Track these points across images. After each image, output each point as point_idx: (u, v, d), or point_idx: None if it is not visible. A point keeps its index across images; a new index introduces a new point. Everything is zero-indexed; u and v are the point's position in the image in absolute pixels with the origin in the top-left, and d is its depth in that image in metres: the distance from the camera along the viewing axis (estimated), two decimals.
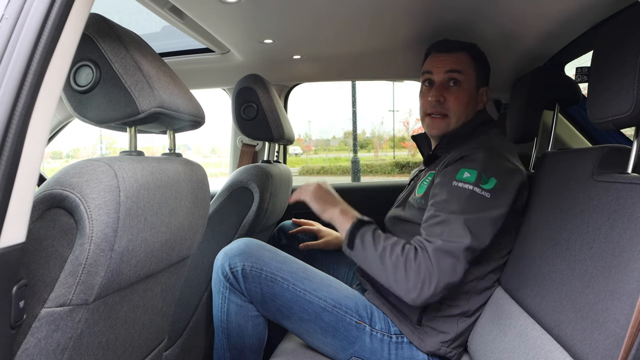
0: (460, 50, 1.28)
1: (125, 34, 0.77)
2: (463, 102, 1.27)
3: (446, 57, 1.28)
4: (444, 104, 1.27)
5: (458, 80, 1.26)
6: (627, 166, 0.81)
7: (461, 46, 1.29)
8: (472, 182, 1.08)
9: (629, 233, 0.70)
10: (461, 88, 1.27)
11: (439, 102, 1.27)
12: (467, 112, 1.28)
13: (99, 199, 0.61)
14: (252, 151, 2.08)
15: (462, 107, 1.27)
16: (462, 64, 1.27)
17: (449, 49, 1.29)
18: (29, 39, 0.49)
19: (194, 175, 0.90)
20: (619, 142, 1.57)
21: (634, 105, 0.74)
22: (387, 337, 1.19)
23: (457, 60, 1.27)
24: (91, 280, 0.61)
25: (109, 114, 0.75)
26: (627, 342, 0.58)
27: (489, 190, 1.08)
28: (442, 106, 1.27)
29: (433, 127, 1.30)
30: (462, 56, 1.28)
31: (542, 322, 0.88)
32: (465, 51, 1.28)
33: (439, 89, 1.27)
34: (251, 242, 1.26)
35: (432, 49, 1.33)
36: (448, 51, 1.29)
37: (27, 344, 0.58)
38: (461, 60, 1.27)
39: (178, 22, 1.26)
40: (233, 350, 1.26)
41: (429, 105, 1.28)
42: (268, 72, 1.75)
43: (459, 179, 1.09)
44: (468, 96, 1.27)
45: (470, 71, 1.28)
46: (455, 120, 1.27)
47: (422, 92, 1.34)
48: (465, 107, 1.27)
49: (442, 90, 1.27)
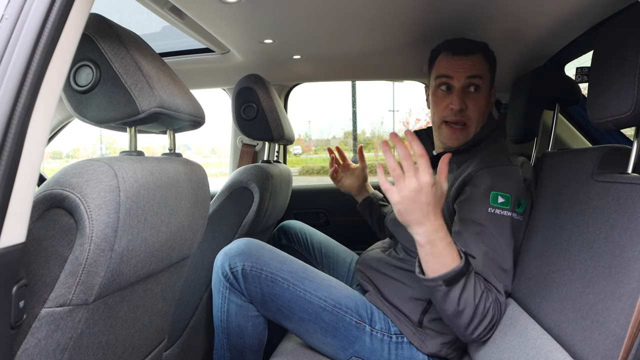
0: (476, 52, 1.21)
1: (125, 34, 0.77)
2: (482, 108, 1.22)
3: (464, 59, 1.20)
4: (465, 111, 1.20)
5: (478, 85, 1.20)
6: (627, 166, 0.81)
7: (477, 47, 1.22)
8: (508, 208, 1.04)
9: (629, 233, 0.70)
10: (480, 94, 1.21)
11: (462, 110, 1.20)
12: (484, 117, 1.24)
13: (99, 199, 0.61)
14: (252, 151, 2.08)
15: (481, 114, 1.22)
16: (481, 68, 1.21)
17: (467, 51, 1.21)
18: (29, 39, 0.49)
19: (194, 175, 0.90)
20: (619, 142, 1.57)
21: (634, 105, 0.73)
22: (387, 337, 1.19)
23: (475, 63, 1.20)
24: (91, 280, 0.61)
25: (109, 114, 0.75)
26: (627, 342, 0.58)
27: (522, 214, 1.06)
28: (463, 114, 1.20)
29: (453, 139, 1.22)
30: (478, 59, 1.21)
31: (542, 322, 0.88)
32: (481, 52, 1.22)
33: (460, 95, 1.20)
34: (251, 242, 1.26)
35: (445, 49, 1.25)
36: (466, 53, 1.21)
37: (27, 344, 0.58)
38: (480, 64, 1.21)
39: (178, 22, 1.26)
40: (233, 350, 1.26)
41: (449, 112, 1.20)
42: (268, 72, 1.75)
43: (494, 205, 1.04)
44: (486, 101, 1.23)
45: (487, 74, 1.22)
46: (474, 129, 1.22)
47: (437, 96, 1.24)
48: (484, 114, 1.23)
49: (462, 96, 1.20)
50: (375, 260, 1.30)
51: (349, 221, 2.01)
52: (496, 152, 1.18)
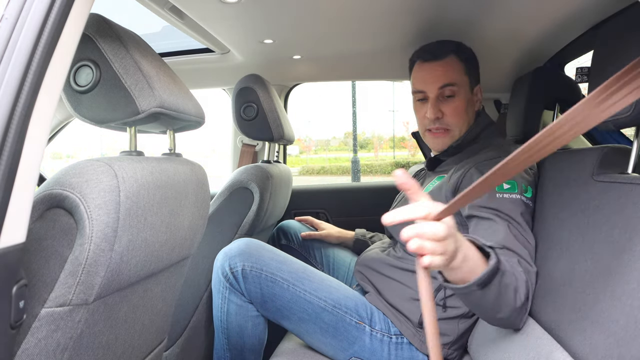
0: (447, 54, 1.22)
1: (125, 34, 0.77)
2: (462, 112, 1.22)
3: (435, 67, 1.22)
4: (442, 119, 1.22)
5: (453, 92, 1.22)
6: (627, 166, 0.81)
7: (447, 49, 1.23)
8: (516, 192, 1.03)
9: (629, 233, 0.70)
10: (457, 98, 1.22)
11: (438, 118, 1.22)
12: (468, 118, 1.25)
13: (99, 199, 0.61)
14: (252, 151, 2.08)
15: (462, 117, 1.23)
16: (453, 73, 1.21)
17: (435, 56, 1.23)
18: (29, 39, 0.49)
19: (194, 175, 0.90)
20: (619, 142, 1.57)
21: (634, 105, 0.73)
22: (387, 337, 1.19)
23: (447, 69, 1.21)
24: (91, 280, 0.61)
25: (109, 114, 0.75)
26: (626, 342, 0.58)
27: (530, 199, 1.05)
28: (442, 122, 1.23)
29: (437, 144, 1.25)
30: (451, 62, 1.22)
31: (542, 322, 0.88)
32: (453, 54, 1.23)
33: (434, 105, 1.22)
34: (251, 242, 1.26)
35: (417, 58, 1.27)
36: (435, 58, 1.23)
37: (27, 344, 0.58)
38: (452, 68, 1.22)
39: (178, 22, 1.26)
40: (233, 350, 1.26)
41: (428, 121, 1.24)
42: (268, 72, 1.75)
43: (501, 191, 1.03)
44: (465, 103, 1.23)
45: (462, 77, 1.23)
46: (458, 131, 1.24)
47: (416, 107, 1.28)
48: (465, 115, 1.24)
49: (438, 104, 1.22)
50: (374, 260, 1.30)
51: (348, 221, 2.01)
52: (494, 149, 1.18)
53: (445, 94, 1.22)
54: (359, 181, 11.17)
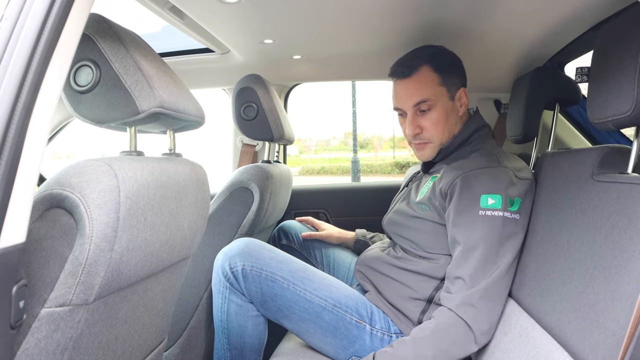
0: (417, 67, 1.22)
1: (125, 33, 0.77)
2: (441, 123, 1.23)
3: (408, 84, 1.23)
4: (421, 134, 1.25)
5: (429, 106, 1.22)
6: (627, 166, 0.81)
7: (420, 62, 1.23)
8: (499, 208, 1.05)
9: (629, 233, 0.70)
10: (434, 111, 1.23)
11: (417, 134, 1.25)
12: (450, 127, 1.25)
13: (99, 199, 0.61)
14: (252, 151, 2.08)
15: (441, 128, 1.24)
16: (426, 89, 1.21)
17: (407, 73, 1.23)
18: (29, 39, 0.49)
19: (194, 175, 0.90)
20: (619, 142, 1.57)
21: (634, 105, 0.74)
22: (387, 336, 1.19)
23: (419, 84, 1.22)
24: (91, 280, 0.61)
25: (109, 114, 0.75)
26: (626, 342, 0.58)
27: (517, 212, 1.06)
28: (421, 137, 1.26)
29: (421, 155, 1.30)
30: (423, 75, 1.22)
31: (542, 322, 0.88)
32: (425, 64, 1.22)
33: (412, 121, 1.24)
34: (251, 242, 1.26)
35: (392, 74, 1.29)
36: (407, 75, 1.23)
37: (27, 344, 0.58)
38: (424, 84, 1.22)
39: (178, 22, 1.26)
40: (233, 350, 1.26)
41: (409, 136, 1.28)
42: (268, 72, 1.75)
43: (484, 207, 1.06)
44: (444, 114, 1.23)
45: (437, 89, 1.23)
46: (439, 142, 1.26)
47: (399, 121, 1.32)
48: (445, 125, 1.24)
49: (416, 120, 1.24)
50: (374, 260, 1.30)
51: (348, 221, 2.01)
52: (485, 154, 1.18)
53: (421, 109, 1.23)
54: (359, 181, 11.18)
